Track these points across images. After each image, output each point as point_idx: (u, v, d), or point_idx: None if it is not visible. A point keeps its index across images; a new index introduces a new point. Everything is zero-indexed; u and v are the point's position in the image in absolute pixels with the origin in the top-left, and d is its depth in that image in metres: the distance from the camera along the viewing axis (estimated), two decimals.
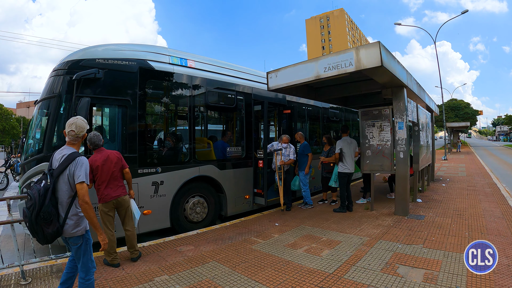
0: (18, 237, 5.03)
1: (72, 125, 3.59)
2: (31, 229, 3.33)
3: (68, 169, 3.42)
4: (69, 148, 3.60)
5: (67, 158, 3.46)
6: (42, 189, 3.31)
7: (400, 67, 7.38)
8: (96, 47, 6.62)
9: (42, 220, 3.27)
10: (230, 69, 8.97)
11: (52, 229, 3.33)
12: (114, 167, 5.23)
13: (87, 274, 3.61)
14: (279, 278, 4.71)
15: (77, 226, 3.49)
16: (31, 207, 3.27)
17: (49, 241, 3.43)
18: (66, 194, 3.44)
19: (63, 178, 3.43)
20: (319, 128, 12.94)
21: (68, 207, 3.45)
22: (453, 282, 4.37)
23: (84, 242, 3.58)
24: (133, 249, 5.50)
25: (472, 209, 8.62)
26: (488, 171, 18.61)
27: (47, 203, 3.28)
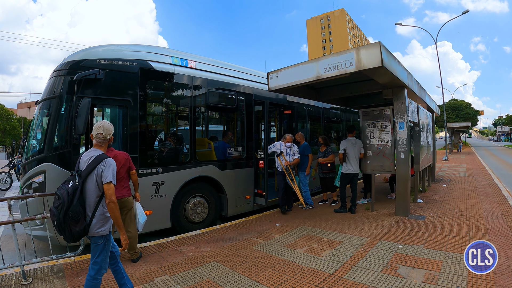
0: (19, 237, 5.04)
1: (100, 128, 3.77)
2: (59, 227, 3.41)
3: (96, 170, 3.54)
4: (96, 150, 3.75)
5: (95, 159, 3.58)
6: (70, 189, 3.41)
7: (401, 68, 7.38)
8: (97, 47, 6.62)
9: (70, 218, 3.36)
10: (231, 69, 8.98)
11: (80, 228, 3.44)
12: (121, 168, 5.23)
13: (96, 273, 3.67)
14: (279, 278, 4.71)
15: (102, 226, 3.62)
16: (59, 206, 3.36)
17: (76, 239, 3.51)
18: (94, 194, 3.56)
19: (91, 179, 3.54)
20: (320, 128, 12.93)
21: (95, 206, 3.57)
22: (453, 283, 4.36)
23: (104, 243, 3.68)
24: (133, 251, 5.50)
25: (473, 209, 8.61)
26: (489, 171, 18.59)
27: (75, 202, 3.39)
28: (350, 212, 8.69)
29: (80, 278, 4.76)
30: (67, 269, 5.13)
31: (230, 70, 8.91)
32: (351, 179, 8.94)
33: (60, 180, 5.71)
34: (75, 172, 3.58)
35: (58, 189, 3.50)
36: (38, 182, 5.77)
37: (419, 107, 10.25)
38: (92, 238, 3.64)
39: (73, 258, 5.53)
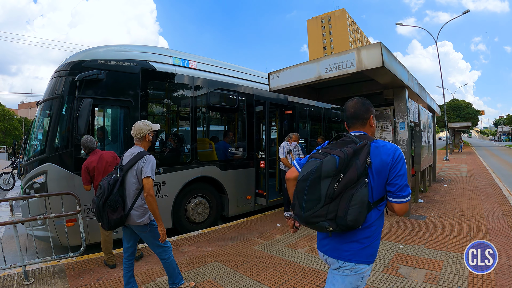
0: (20, 238, 5.05)
1: (133, 127, 4.09)
2: (98, 214, 3.74)
3: (136, 165, 3.86)
4: (137, 147, 4.08)
5: (137, 155, 3.91)
6: (111, 180, 3.77)
7: (402, 68, 7.39)
8: (98, 48, 6.64)
9: (109, 207, 3.67)
10: (232, 70, 9.00)
11: (117, 217, 3.72)
12: (109, 167, 5.20)
13: (165, 254, 4.09)
14: (281, 278, 4.73)
15: (142, 216, 3.89)
16: (100, 195, 3.70)
17: (113, 227, 3.77)
18: (134, 186, 3.87)
19: (132, 172, 3.86)
20: (320, 128, 12.93)
21: (134, 198, 3.87)
22: (454, 283, 4.37)
23: (151, 229, 3.98)
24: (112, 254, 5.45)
25: (474, 209, 8.61)
26: (489, 171, 18.58)
27: (115, 192, 3.71)
28: None
29: (81, 278, 4.77)
30: (68, 269, 5.15)
31: (231, 71, 8.93)
32: None
33: (61, 181, 5.77)
34: (117, 166, 3.92)
35: (102, 180, 3.83)
36: (40, 183, 5.78)
37: (420, 107, 10.27)
38: (137, 229, 3.96)
39: (74, 258, 5.54)
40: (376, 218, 2.27)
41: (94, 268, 5.20)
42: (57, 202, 5.33)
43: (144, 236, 4.01)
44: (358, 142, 2.23)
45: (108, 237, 5.29)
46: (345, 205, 2.07)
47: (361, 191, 2.09)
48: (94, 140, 5.32)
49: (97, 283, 4.63)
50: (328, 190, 2.08)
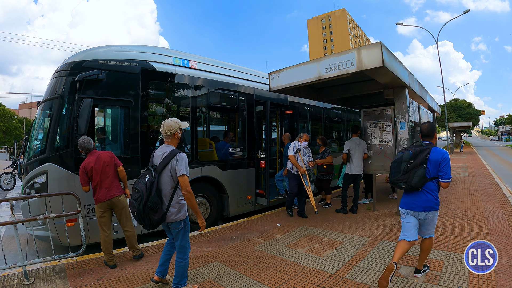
0: (21, 238, 5.06)
1: (162, 125, 4.22)
2: (139, 217, 3.94)
3: (170, 164, 3.99)
4: (167, 146, 4.20)
5: (169, 154, 4.03)
6: (148, 183, 3.91)
7: (402, 68, 7.38)
8: (98, 48, 6.63)
9: (149, 209, 3.86)
10: (232, 69, 9.00)
11: (158, 216, 3.94)
12: (107, 167, 5.26)
13: (184, 254, 4.22)
14: (281, 278, 4.73)
15: (178, 212, 4.09)
16: (139, 198, 3.87)
17: (155, 227, 4.04)
18: (169, 185, 4.03)
19: (166, 172, 4.00)
20: (321, 128, 12.92)
21: (171, 196, 4.05)
22: (455, 283, 4.37)
23: (184, 227, 4.20)
24: (134, 249, 5.54)
25: (474, 209, 8.61)
26: (490, 171, 18.58)
27: (153, 194, 3.88)
28: (351, 212, 8.68)
29: (82, 278, 4.77)
30: (69, 269, 5.14)
31: (231, 71, 8.92)
32: (355, 179, 8.93)
33: (61, 181, 5.77)
34: (150, 167, 4.07)
35: (136, 183, 4.00)
36: (40, 183, 5.78)
37: (420, 107, 10.26)
38: (172, 225, 4.15)
39: (75, 258, 5.54)
40: (434, 188, 4.33)
41: (95, 268, 5.20)
42: (58, 202, 5.33)
43: (176, 232, 4.19)
44: (425, 146, 4.35)
45: (108, 237, 5.29)
46: (411, 176, 4.24)
47: (421, 171, 4.23)
48: (91, 141, 5.33)
49: (98, 283, 4.63)
50: (404, 168, 4.29)
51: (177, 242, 4.24)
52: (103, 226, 5.29)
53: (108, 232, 5.31)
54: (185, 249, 4.23)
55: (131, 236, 5.48)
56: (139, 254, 5.56)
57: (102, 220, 5.28)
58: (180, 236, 4.19)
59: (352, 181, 8.91)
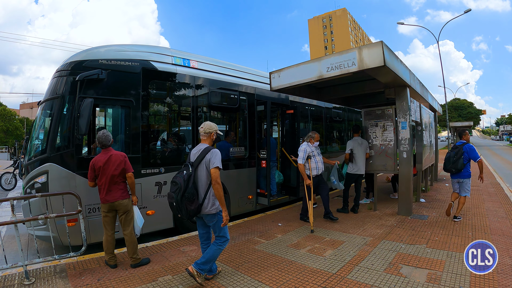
0: (21, 237, 5.06)
1: (203, 124, 4.67)
2: (177, 207, 4.28)
3: (205, 158, 4.36)
4: (203, 144, 4.60)
5: (204, 150, 4.43)
6: (185, 176, 4.30)
7: (403, 67, 7.37)
8: (99, 48, 6.63)
9: (186, 199, 4.22)
10: (233, 69, 8.98)
11: (194, 207, 4.27)
12: (115, 170, 5.11)
13: (222, 243, 4.55)
14: (282, 278, 4.72)
15: (213, 205, 4.41)
16: (177, 190, 4.25)
17: (191, 217, 4.36)
18: (204, 179, 4.39)
19: (202, 166, 4.38)
20: (322, 128, 12.90)
21: (206, 189, 4.38)
22: (456, 282, 4.36)
23: (218, 219, 4.49)
24: (131, 255, 5.30)
25: (476, 209, 8.61)
26: (491, 170, 18.56)
27: (190, 186, 4.25)
28: (352, 211, 8.68)
29: (83, 278, 4.77)
30: (69, 269, 5.14)
31: (232, 70, 8.91)
32: (356, 179, 8.92)
33: (62, 180, 5.76)
34: (187, 163, 4.43)
35: (175, 177, 4.40)
36: (41, 183, 5.77)
37: (422, 106, 10.25)
38: (207, 218, 4.48)
39: (75, 258, 5.54)
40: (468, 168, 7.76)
41: (95, 267, 5.20)
42: (58, 201, 5.33)
43: (213, 225, 4.54)
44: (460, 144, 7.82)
45: (110, 237, 5.25)
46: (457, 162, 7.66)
47: (461, 160, 7.62)
48: (110, 138, 5.24)
49: (98, 283, 4.62)
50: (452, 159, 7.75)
51: (216, 234, 4.56)
52: (106, 226, 5.25)
53: (110, 232, 5.26)
54: (224, 239, 4.55)
55: (129, 241, 5.28)
56: (137, 263, 5.31)
57: (106, 219, 5.23)
58: (217, 228, 4.51)
59: (354, 180, 8.89)
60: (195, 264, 4.46)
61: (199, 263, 4.45)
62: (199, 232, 4.79)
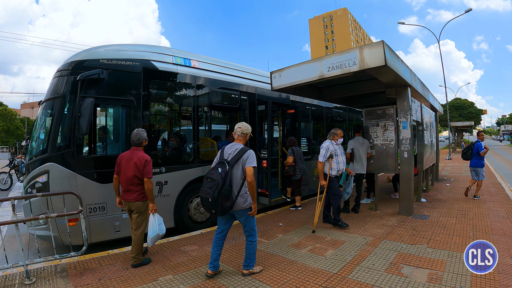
0: (22, 237, 5.06)
1: (241, 124, 4.98)
2: (212, 203, 4.38)
3: (242, 159, 4.59)
4: (238, 143, 4.84)
5: (241, 150, 4.67)
6: (223, 173, 4.45)
7: (404, 66, 7.37)
8: (100, 47, 6.63)
9: (223, 196, 4.39)
10: (234, 69, 8.98)
11: (229, 203, 4.48)
12: (133, 171, 5.14)
13: (253, 237, 4.83)
14: (283, 278, 4.72)
15: (245, 202, 4.63)
16: (213, 187, 4.36)
17: (225, 213, 4.53)
18: (239, 177, 4.59)
19: (238, 165, 4.59)
20: (323, 128, 12.91)
21: (240, 187, 4.59)
22: (457, 282, 4.36)
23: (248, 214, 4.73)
24: (133, 255, 5.27)
25: (477, 208, 8.60)
26: (492, 170, 18.56)
27: (227, 183, 4.43)
28: (353, 211, 8.67)
29: (83, 278, 4.77)
30: (70, 268, 5.14)
31: (233, 70, 8.91)
32: (357, 178, 8.91)
33: (63, 180, 5.77)
34: (223, 161, 4.62)
35: (210, 173, 4.53)
36: (42, 182, 5.78)
37: (423, 106, 10.25)
38: (239, 213, 4.69)
39: (76, 258, 5.54)
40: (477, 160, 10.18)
41: (96, 267, 5.20)
42: (59, 201, 5.33)
43: (243, 219, 4.76)
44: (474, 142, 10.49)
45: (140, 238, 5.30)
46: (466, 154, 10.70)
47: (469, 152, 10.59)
48: (141, 137, 5.33)
49: (99, 283, 4.62)
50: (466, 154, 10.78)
51: (246, 227, 4.82)
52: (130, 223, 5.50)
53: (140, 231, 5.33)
54: (254, 232, 4.84)
55: (135, 241, 5.26)
56: (137, 264, 5.27)
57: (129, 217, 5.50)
58: (248, 222, 4.78)
59: (354, 180, 8.89)
60: (244, 267, 4.86)
61: (246, 264, 4.85)
62: (219, 227, 4.91)
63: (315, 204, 9.69)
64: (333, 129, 7.70)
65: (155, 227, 5.29)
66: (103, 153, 6.80)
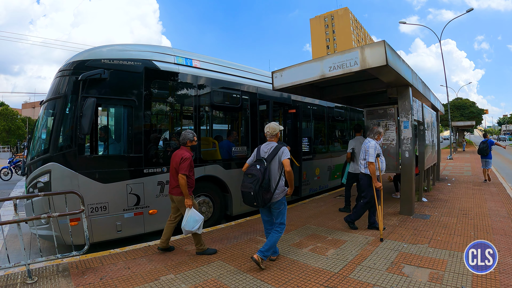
0: (24, 237, 5.06)
1: (267, 127, 5.33)
2: (254, 196, 4.83)
3: (277, 155, 5.05)
4: (272, 142, 5.28)
5: (276, 147, 5.12)
6: (262, 169, 4.91)
7: (405, 66, 7.37)
8: (101, 47, 6.64)
9: (263, 189, 4.87)
10: (235, 68, 8.98)
11: (268, 196, 4.96)
12: (173, 167, 5.66)
13: (281, 229, 5.21)
14: (284, 277, 4.73)
15: (281, 193, 5.09)
16: (254, 181, 4.82)
17: (265, 205, 5.02)
18: (276, 171, 5.07)
19: (275, 161, 5.06)
20: (324, 127, 12.92)
21: (277, 181, 5.04)
22: (458, 282, 4.36)
23: (284, 206, 5.22)
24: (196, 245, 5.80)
25: (478, 208, 8.59)
26: (493, 170, 18.49)
27: (267, 177, 4.91)
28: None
29: (85, 277, 4.78)
30: (72, 268, 5.16)
31: (234, 70, 8.91)
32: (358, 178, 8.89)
33: (65, 180, 5.78)
34: (261, 158, 5.11)
35: (249, 170, 5.03)
36: (44, 182, 5.79)
37: (424, 105, 10.23)
38: (275, 205, 5.14)
39: (78, 257, 5.55)
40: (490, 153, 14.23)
41: (98, 266, 5.21)
42: (61, 201, 5.35)
43: (277, 211, 5.19)
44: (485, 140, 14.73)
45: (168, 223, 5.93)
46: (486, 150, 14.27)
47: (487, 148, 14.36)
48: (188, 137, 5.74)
49: (101, 282, 4.64)
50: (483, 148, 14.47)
51: (277, 220, 5.20)
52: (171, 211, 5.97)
53: (169, 219, 5.95)
54: (283, 226, 5.21)
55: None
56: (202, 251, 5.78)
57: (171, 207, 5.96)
58: (280, 215, 5.19)
59: (355, 180, 8.87)
60: (259, 252, 5.00)
61: (263, 250, 5.01)
62: (263, 219, 5.52)
63: (316, 203, 9.76)
64: (377, 128, 7.38)
65: (189, 221, 5.50)
66: (105, 153, 6.82)
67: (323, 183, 12.06)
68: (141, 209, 6.62)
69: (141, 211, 6.62)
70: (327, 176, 12.44)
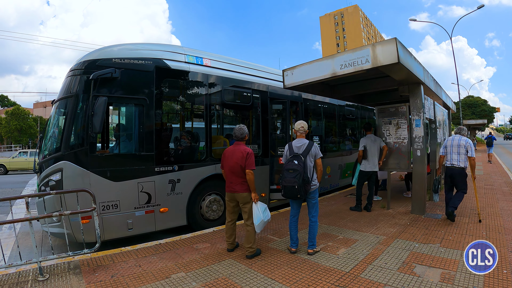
0: (36, 234, 5.12)
1: (300, 123, 5.75)
2: (299, 189, 5.23)
3: (311, 151, 5.50)
4: (303, 139, 5.68)
5: (308, 144, 5.54)
6: (301, 163, 5.33)
7: (417, 64, 7.31)
8: (112, 46, 6.67)
9: (305, 182, 5.30)
10: (246, 67, 8.97)
11: (309, 188, 5.41)
12: (235, 163, 5.50)
13: (316, 219, 5.71)
14: (295, 276, 4.71)
15: (314, 185, 5.59)
16: (297, 176, 5.24)
17: (306, 195, 5.48)
18: (311, 165, 5.52)
19: (309, 156, 5.49)
20: (335, 125, 12.87)
21: (312, 174, 5.52)
22: (470, 282, 4.32)
23: (317, 196, 5.74)
24: (248, 245, 5.54)
25: (490, 208, 8.51)
26: (505, 169, 18.31)
27: (306, 171, 5.34)
28: (365, 210, 8.63)
29: (96, 275, 4.81)
30: (83, 265, 5.20)
31: (244, 68, 8.91)
32: (370, 177, 8.87)
33: (76, 178, 5.82)
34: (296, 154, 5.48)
35: (289, 166, 5.39)
36: (55, 180, 5.84)
37: (435, 104, 10.14)
38: (311, 195, 5.61)
39: (89, 255, 5.59)
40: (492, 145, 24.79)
41: (109, 264, 5.24)
42: (73, 199, 5.38)
43: (311, 202, 5.68)
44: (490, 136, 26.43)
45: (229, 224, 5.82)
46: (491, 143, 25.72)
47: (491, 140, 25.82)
48: (243, 132, 5.73)
49: (112, 279, 4.66)
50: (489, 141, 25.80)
51: (312, 209, 5.70)
52: (227, 213, 5.83)
53: (229, 219, 5.81)
54: (316, 214, 5.72)
55: (251, 231, 5.54)
56: (252, 254, 5.53)
57: (228, 207, 5.84)
58: (315, 206, 5.70)
59: (367, 178, 8.85)
60: (309, 246, 5.66)
61: (310, 244, 5.65)
62: (293, 211, 5.81)
63: (326, 202, 9.74)
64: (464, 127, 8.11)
65: (259, 214, 5.48)
66: (116, 151, 6.86)
67: (334, 182, 12.01)
68: (152, 207, 6.64)
69: (152, 209, 6.64)
70: (338, 175, 12.40)
